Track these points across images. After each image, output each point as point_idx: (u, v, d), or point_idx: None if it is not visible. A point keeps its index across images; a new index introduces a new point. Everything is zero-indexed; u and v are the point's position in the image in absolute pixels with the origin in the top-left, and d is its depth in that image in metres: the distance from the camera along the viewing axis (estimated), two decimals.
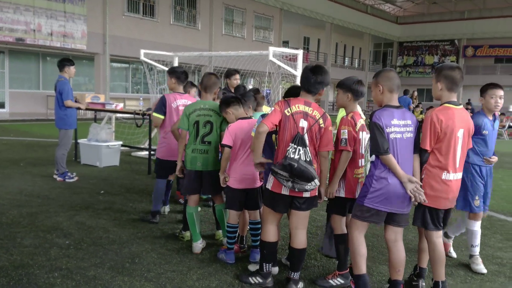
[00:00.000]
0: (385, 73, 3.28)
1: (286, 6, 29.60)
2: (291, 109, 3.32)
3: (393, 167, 3.10)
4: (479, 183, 4.09)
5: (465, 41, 39.72)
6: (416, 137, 3.26)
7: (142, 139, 10.51)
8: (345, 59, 41.25)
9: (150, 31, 22.24)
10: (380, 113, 3.16)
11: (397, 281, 3.30)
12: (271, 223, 3.50)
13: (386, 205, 3.16)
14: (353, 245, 3.29)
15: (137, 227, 4.90)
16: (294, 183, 3.21)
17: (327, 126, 3.38)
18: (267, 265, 3.51)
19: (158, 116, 4.97)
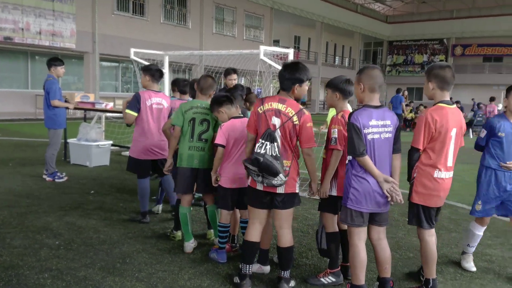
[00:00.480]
0: (368, 71, 3.25)
1: (277, 5, 29.62)
2: (263, 107, 3.36)
3: (369, 168, 3.10)
4: (488, 188, 3.96)
5: (454, 40, 40.07)
6: (395, 137, 3.23)
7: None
8: (335, 58, 41.37)
9: (140, 29, 22.11)
10: (358, 113, 3.13)
11: (386, 279, 3.33)
12: (254, 223, 3.50)
13: (367, 205, 3.15)
14: (351, 252, 3.25)
15: (127, 227, 4.87)
16: (263, 178, 3.26)
17: (303, 123, 3.33)
18: (246, 266, 3.49)
19: (131, 113, 4.86)
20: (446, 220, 5.66)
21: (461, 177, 8.50)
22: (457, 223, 5.59)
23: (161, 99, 5.04)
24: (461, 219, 5.76)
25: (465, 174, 8.99)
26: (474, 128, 19.14)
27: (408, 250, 4.52)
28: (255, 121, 3.42)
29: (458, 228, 5.36)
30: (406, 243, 4.73)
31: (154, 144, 4.96)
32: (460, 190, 7.41)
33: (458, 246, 4.73)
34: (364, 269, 3.22)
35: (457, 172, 3.69)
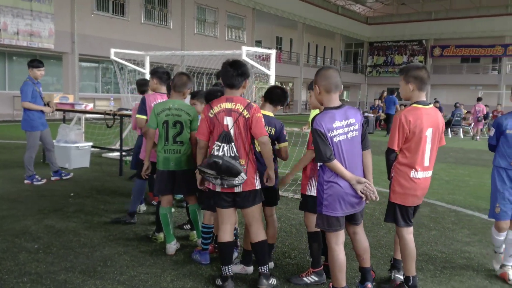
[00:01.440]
0: (323, 72, 3.19)
1: (259, 6, 29.67)
2: (213, 110, 3.37)
3: (339, 172, 3.06)
4: (503, 188, 3.87)
5: (432, 41, 40.76)
6: (362, 134, 3.22)
7: (113, 140, 10.35)
8: (317, 59, 41.66)
9: (120, 30, 21.87)
10: (320, 118, 3.08)
11: (366, 268, 3.40)
12: (224, 223, 3.51)
13: (342, 209, 3.13)
14: (330, 256, 3.25)
15: (108, 229, 4.81)
16: (222, 180, 3.27)
17: (253, 114, 3.34)
18: (226, 267, 3.49)
19: (141, 117, 4.84)
20: (426, 218, 5.75)
21: (439, 176, 8.65)
22: (437, 221, 5.68)
23: None
24: (440, 217, 5.86)
25: (443, 173, 9.15)
26: (452, 127, 19.48)
27: (389, 248, 4.57)
28: (208, 127, 3.41)
29: (438, 226, 5.45)
30: (387, 241, 4.78)
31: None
32: (439, 188, 7.54)
33: (438, 243, 4.81)
34: (344, 271, 3.24)
35: (436, 171, 3.75)
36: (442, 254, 4.50)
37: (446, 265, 4.20)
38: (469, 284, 3.80)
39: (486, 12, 37.51)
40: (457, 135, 19.35)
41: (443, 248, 4.66)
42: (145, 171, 4.37)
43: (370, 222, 5.49)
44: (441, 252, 4.55)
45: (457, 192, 7.42)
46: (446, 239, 4.98)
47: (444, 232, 5.22)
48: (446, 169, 9.83)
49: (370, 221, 5.51)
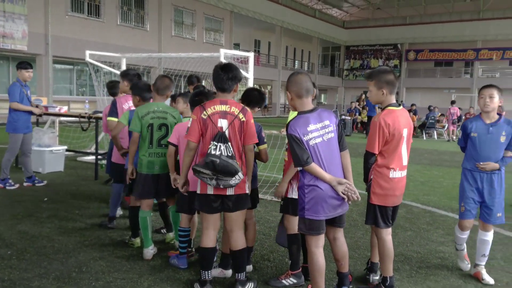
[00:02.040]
0: (293, 78, 3.21)
1: (237, 9, 29.70)
2: (207, 112, 3.32)
3: (318, 175, 3.06)
4: (467, 189, 3.97)
5: (407, 45, 41.55)
6: (339, 135, 3.23)
7: (88, 143, 10.17)
8: (295, 62, 41.95)
9: (95, 31, 21.54)
10: (294, 123, 3.09)
11: (343, 273, 3.40)
12: (207, 228, 3.47)
13: (325, 212, 3.12)
14: (310, 260, 3.25)
15: (84, 235, 4.72)
16: (218, 180, 3.22)
17: (248, 119, 3.36)
18: (205, 272, 3.47)
19: (113, 120, 4.85)
20: (402, 219, 5.84)
21: (414, 177, 8.81)
22: (412, 222, 5.78)
23: None
24: (415, 218, 5.96)
25: (418, 175, 9.33)
26: (427, 130, 19.88)
27: (367, 249, 4.62)
28: (199, 129, 3.34)
29: (413, 227, 5.54)
30: (365, 242, 4.84)
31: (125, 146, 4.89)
32: (414, 190, 7.68)
33: (414, 244, 4.89)
34: (323, 274, 3.24)
35: (411, 173, 3.81)
36: (417, 254, 4.58)
37: (422, 265, 4.27)
38: (444, 283, 3.87)
39: (458, 18, 38.51)
40: (431, 137, 19.75)
41: (419, 248, 4.74)
42: (130, 175, 4.27)
43: (348, 223, 5.53)
44: (417, 252, 4.63)
45: (432, 193, 7.57)
46: (422, 239, 5.07)
47: (420, 233, 5.32)
48: (421, 171, 10.01)
49: (347, 223, 5.55)
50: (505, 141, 3.87)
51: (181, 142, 3.85)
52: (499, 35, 36.75)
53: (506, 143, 3.88)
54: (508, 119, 3.94)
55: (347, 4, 42.61)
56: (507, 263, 4.37)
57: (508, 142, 3.87)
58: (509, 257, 4.52)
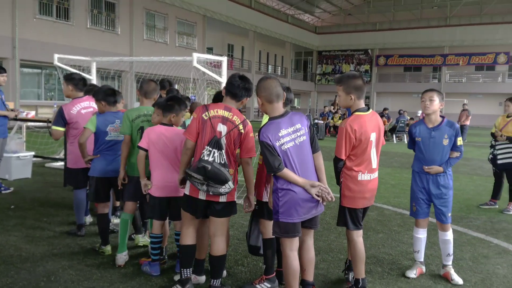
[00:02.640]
0: (262, 84, 3.21)
1: (209, 13, 29.64)
2: (209, 113, 3.32)
3: (291, 179, 3.08)
4: (416, 190, 4.12)
5: (377, 51, 42.40)
6: (311, 138, 3.25)
7: (57, 149, 9.93)
8: (268, 66, 42.16)
9: (64, 35, 21.07)
10: (265, 129, 3.10)
11: (306, 281, 3.35)
12: (188, 227, 3.47)
13: (299, 215, 3.13)
14: (284, 262, 3.25)
15: (52, 243, 4.59)
16: (208, 186, 3.21)
17: (248, 132, 3.37)
18: (185, 270, 3.46)
19: (57, 129, 4.80)
20: (374, 221, 5.93)
21: (385, 180, 8.97)
22: (384, 224, 5.87)
23: (89, 102, 4.97)
24: (387, 220, 6.06)
25: (389, 178, 9.49)
26: (397, 133, 20.29)
27: (340, 252, 4.66)
28: (198, 128, 3.32)
29: (385, 229, 5.63)
30: (338, 245, 4.88)
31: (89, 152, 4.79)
32: (385, 192, 7.81)
33: (385, 246, 4.96)
34: (297, 277, 3.24)
35: (382, 176, 3.87)
36: (389, 256, 4.65)
37: (393, 266, 4.34)
38: (414, 284, 3.94)
39: (426, 24, 39.59)
40: (401, 141, 20.16)
41: (390, 250, 4.82)
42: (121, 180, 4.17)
43: (321, 226, 5.58)
44: (388, 254, 4.70)
45: (402, 196, 7.71)
46: (393, 241, 5.15)
47: (391, 235, 5.40)
48: (392, 174, 10.20)
49: (320, 226, 5.58)
50: (449, 144, 4.00)
51: (151, 147, 3.81)
52: (465, 41, 37.99)
53: (450, 145, 4.01)
54: (451, 122, 4.07)
55: (319, 10, 43.19)
56: (475, 263, 4.48)
57: (453, 143, 4.00)
58: (477, 257, 4.64)
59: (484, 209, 6.79)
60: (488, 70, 39.08)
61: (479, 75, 39.32)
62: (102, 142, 4.34)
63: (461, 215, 6.43)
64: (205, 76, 7.71)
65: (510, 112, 6.63)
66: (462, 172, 10.51)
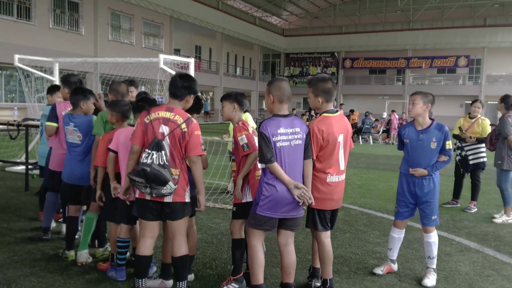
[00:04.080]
0: (277, 83, 3.36)
1: (176, 14, 29.37)
2: (150, 117, 3.33)
3: (278, 175, 3.19)
4: (400, 192, 4.17)
5: (343, 54, 43.17)
6: (306, 144, 3.35)
7: (18, 152, 9.59)
8: (236, 68, 42.16)
9: (26, 35, 20.39)
10: (266, 123, 3.25)
11: (288, 284, 3.41)
12: (144, 236, 3.42)
13: (277, 211, 3.24)
14: (251, 253, 3.32)
15: (13, 250, 4.42)
16: (151, 189, 3.22)
17: (192, 130, 3.32)
18: (139, 281, 3.40)
19: (51, 125, 4.66)
20: (340, 221, 6.01)
21: (352, 181, 9.12)
22: (350, 224, 5.96)
23: None
24: (353, 220, 6.16)
25: (355, 178, 9.67)
26: (363, 135, 20.69)
27: (307, 252, 4.70)
28: (142, 132, 3.33)
29: (351, 229, 5.72)
30: (306, 246, 4.92)
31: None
32: (351, 193, 7.94)
33: (352, 245, 5.04)
34: (263, 269, 3.31)
35: (349, 176, 3.93)
36: (355, 255, 4.72)
37: (360, 265, 4.41)
38: (380, 283, 4.01)
39: (390, 27, 40.61)
40: (367, 142, 20.57)
41: (357, 250, 4.90)
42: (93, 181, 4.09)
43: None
44: (355, 253, 4.78)
45: (368, 196, 7.86)
46: (359, 241, 5.24)
47: (357, 234, 5.49)
48: (358, 174, 10.39)
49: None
50: (437, 147, 4.01)
51: (120, 149, 3.74)
52: (428, 44, 39.20)
53: (438, 149, 4.02)
54: (440, 124, 4.06)
55: (286, 13, 43.57)
56: (438, 261, 4.57)
57: (441, 147, 4.02)
58: (439, 255, 4.75)
59: (446, 208, 7.00)
60: (450, 73, 40.47)
61: (441, 78, 40.68)
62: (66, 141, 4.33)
63: None
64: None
65: (475, 114, 6.78)
66: None
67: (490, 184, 7.65)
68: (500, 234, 5.64)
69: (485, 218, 6.46)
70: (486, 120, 6.80)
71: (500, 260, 4.69)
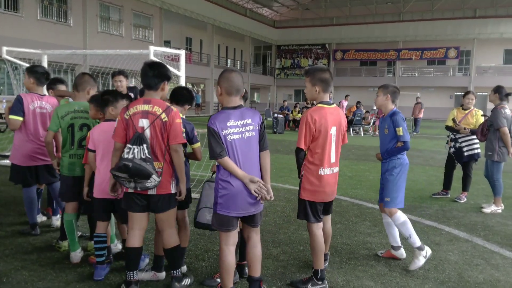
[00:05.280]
0: (225, 74, 3.21)
1: (166, 5, 29.10)
2: (129, 112, 3.29)
3: (231, 169, 3.05)
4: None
5: (334, 45, 43.13)
6: (260, 135, 3.20)
7: (7, 145, 9.49)
8: (227, 60, 41.97)
9: (13, 26, 20.10)
10: (215, 117, 3.11)
11: (253, 277, 3.31)
12: (133, 228, 3.41)
13: (235, 209, 3.10)
14: (219, 257, 3.21)
15: (3, 243, 4.40)
16: (135, 183, 3.21)
17: (173, 119, 3.29)
18: (130, 273, 3.39)
19: (16, 118, 4.52)
20: (332, 213, 6.04)
21: (343, 172, 9.16)
22: (341, 215, 6.00)
23: (45, 103, 4.72)
24: (344, 211, 6.20)
25: (346, 169, 9.72)
26: (353, 127, 20.76)
27: (299, 244, 4.73)
28: (123, 129, 3.29)
29: (342, 220, 5.76)
30: (297, 237, 4.95)
31: (38, 149, 4.64)
32: (342, 184, 7.98)
33: (343, 236, 5.09)
34: (231, 273, 3.22)
35: (340, 168, 3.92)
36: (346, 246, 4.77)
37: (351, 256, 4.46)
38: (371, 272, 4.06)
39: (381, 19, 40.62)
40: (358, 134, 20.65)
41: (348, 240, 4.94)
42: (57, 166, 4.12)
43: (281, 219, 5.65)
44: (346, 244, 4.82)
45: (359, 187, 7.92)
46: (350, 231, 5.29)
47: (348, 225, 5.54)
48: (349, 166, 10.44)
49: (281, 218, 5.67)
50: (389, 133, 4.23)
51: (98, 147, 3.71)
52: (418, 36, 39.30)
53: (390, 135, 4.22)
54: (393, 112, 4.27)
55: (277, 4, 43.36)
56: None
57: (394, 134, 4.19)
58: (429, 245, 4.82)
59: (436, 198, 7.08)
60: (440, 64, 40.64)
61: (431, 69, 40.84)
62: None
63: (414, 204, 6.69)
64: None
65: (469, 105, 6.82)
66: (415, 163, 10.90)
67: (479, 175, 7.73)
68: (489, 224, 5.72)
69: (474, 208, 6.54)
70: (479, 111, 6.84)
71: (489, 250, 4.76)
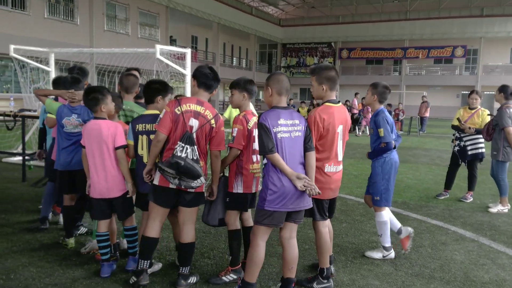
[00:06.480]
0: (275, 76, 3.38)
1: (172, 4, 29.15)
2: (181, 108, 3.34)
3: (280, 166, 3.14)
4: None
5: (340, 44, 43.01)
6: (306, 136, 3.33)
7: (15, 143, 9.57)
8: (233, 59, 41.97)
9: (21, 25, 20.22)
10: (266, 114, 3.22)
11: (290, 279, 3.38)
12: (155, 220, 3.48)
13: (285, 205, 3.18)
14: (253, 251, 3.27)
15: (11, 240, 4.44)
16: (180, 180, 3.27)
17: (219, 126, 3.47)
18: (143, 262, 3.47)
19: (52, 116, 4.57)
20: (337, 211, 6.04)
21: (348, 171, 9.16)
22: (347, 214, 6.00)
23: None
24: (350, 210, 6.20)
25: (352, 168, 9.70)
26: (359, 125, 20.70)
27: (304, 242, 4.74)
28: (171, 122, 3.34)
29: (348, 219, 5.76)
30: (302, 235, 4.96)
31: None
32: (348, 183, 7.98)
33: (348, 235, 5.09)
34: (260, 268, 3.29)
35: (345, 166, 3.97)
36: (352, 245, 4.77)
37: (356, 255, 4.46)
38: (376, 271, 4.06)
39: (387, 18, 40.46)
40: (364, 133, 20.60)
41: (353, 239, 4.94)
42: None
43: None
44: (351, 243, 4.82)
45: (365, 186, 7.84)
46: (356, 230, 5.29)
47: (354, 224, 5.54)
48: (355, 164, 10.43)
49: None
50: (374, 133, 4.30)
51: (87, 143, 3.70)
52: (424, 34, 39.10)
53: (375, 135, 4.28)
54: (377, 112, 4.31)
55: (283, 2, 43.29)
56: (434, 250, 4.66)
57: (378, 134, 4.22)
58: (435, 244, 4.83)
59: (442, 198, 7.05)
60: (446, 63, 40.43)
61: (437, 68, 40.63)
62: (61, 133, 4.26)
63: (420, 203, 6.67)
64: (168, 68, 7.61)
65: (474, 105, 6.77)
66: (421, 162, 10.87)
67: (486, 174, 7.69)
68: (495, 224, 5.70)
69: (480, 207, 6.52)
70: (486, 110, 6.80)
71: (495, 249, 4.75)
